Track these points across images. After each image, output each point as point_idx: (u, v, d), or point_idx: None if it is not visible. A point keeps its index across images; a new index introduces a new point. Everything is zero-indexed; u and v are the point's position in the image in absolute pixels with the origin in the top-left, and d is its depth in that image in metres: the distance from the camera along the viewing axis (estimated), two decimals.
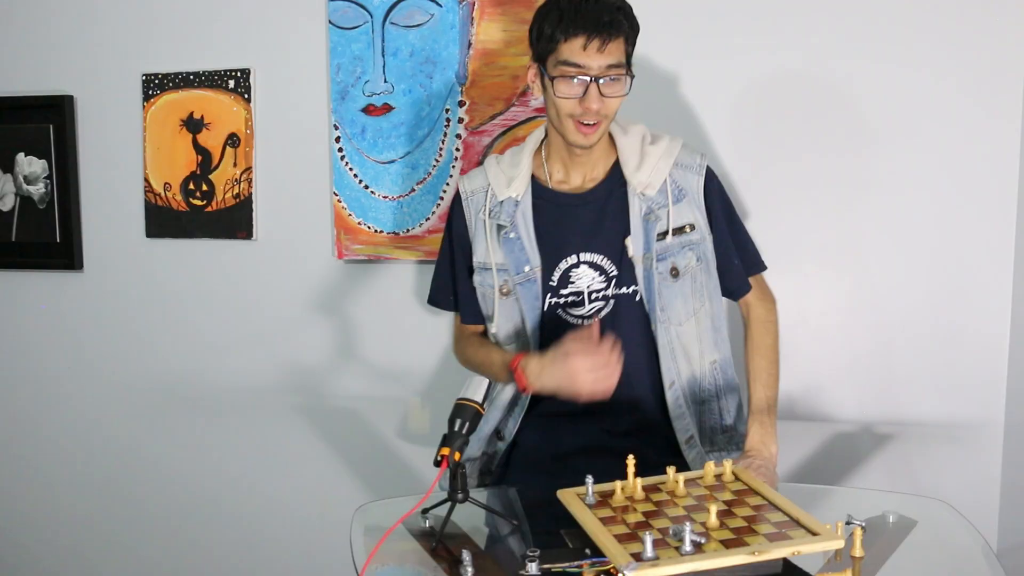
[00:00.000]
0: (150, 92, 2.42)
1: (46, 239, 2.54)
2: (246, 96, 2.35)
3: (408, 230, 2.25)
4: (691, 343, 1.68)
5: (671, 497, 1.35)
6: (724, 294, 1.74)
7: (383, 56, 2.22)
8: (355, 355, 2.36)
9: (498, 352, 1.68)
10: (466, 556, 1.20)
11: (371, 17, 2.22)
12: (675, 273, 1.64)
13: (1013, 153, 1.93)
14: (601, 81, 1.51)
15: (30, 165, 2.54)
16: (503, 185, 1.68)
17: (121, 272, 2.52)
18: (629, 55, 1.55)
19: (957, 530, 1.42)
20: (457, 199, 1.76)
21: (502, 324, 1.70)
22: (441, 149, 2.20)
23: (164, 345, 2.51)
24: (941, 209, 1.97)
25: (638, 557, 1.15)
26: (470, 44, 2.15)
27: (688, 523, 1.18)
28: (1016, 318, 1.94)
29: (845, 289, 2.03)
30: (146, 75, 2.41)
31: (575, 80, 1.51)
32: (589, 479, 1.38)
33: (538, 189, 1.68)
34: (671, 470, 1.40)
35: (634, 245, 1.62)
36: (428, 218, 2.23)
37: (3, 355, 2.66)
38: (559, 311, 1.66)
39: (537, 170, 1.69)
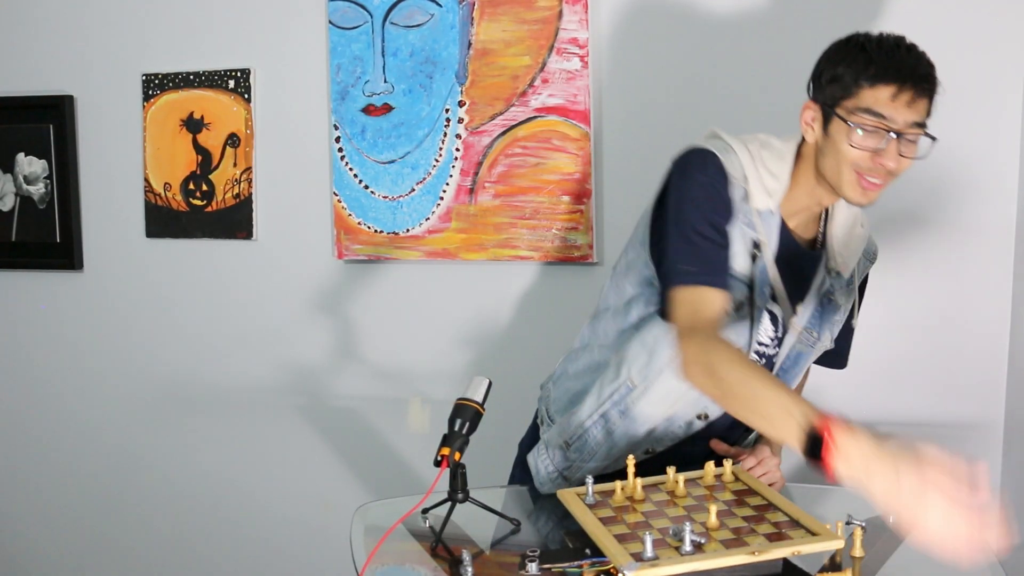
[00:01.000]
0: (150, 92, 2.42)
1: (46, 239, 2.54)
2: (246, 96, 2.35)
3: (408, 230, 2.25)
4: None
5: (671, 497, 1.35)
6: (821, 362, 1.69)
7: (383, 56, 2.22)
8: (355, 355, 2.36)
9: (789, 394, 1.20)
10: (466, 556, 1.20)
11: (371, 17, 2.22)
12: (813, 346, 1.59)
13: (1013, 152, 1.93)
14: (902, 138, 1.35)
15: (30, 165, 2.54)
16: (762, 190, 1.43)
17: (121, 272, 2.52)
18: (932, 109, 1.40)
19: None
20: (721, 172, 1.42)
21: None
22: (441, 149, 2.20)
23: (164, 345, 2.51)
24: (941, 208, 1.97)
25: (638, 557, 1.15)
26: (470, 44, 2.16)
27: (688, 523, 1.18)
28: (1016, 318, 1.94)
29: None
30: (146, 75, 2.41)
31: (874, 132, 1.34)
32: (589, 479, 1.38)
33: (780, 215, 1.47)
34: (671, 470, 1.40)
35: (803, 315, 1.52)
36: (428, 218, 2.23)
37: (3, 355, 2.66)
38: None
39: None
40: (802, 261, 1.51)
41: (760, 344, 1.50)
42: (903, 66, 1.35)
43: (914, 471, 1.06)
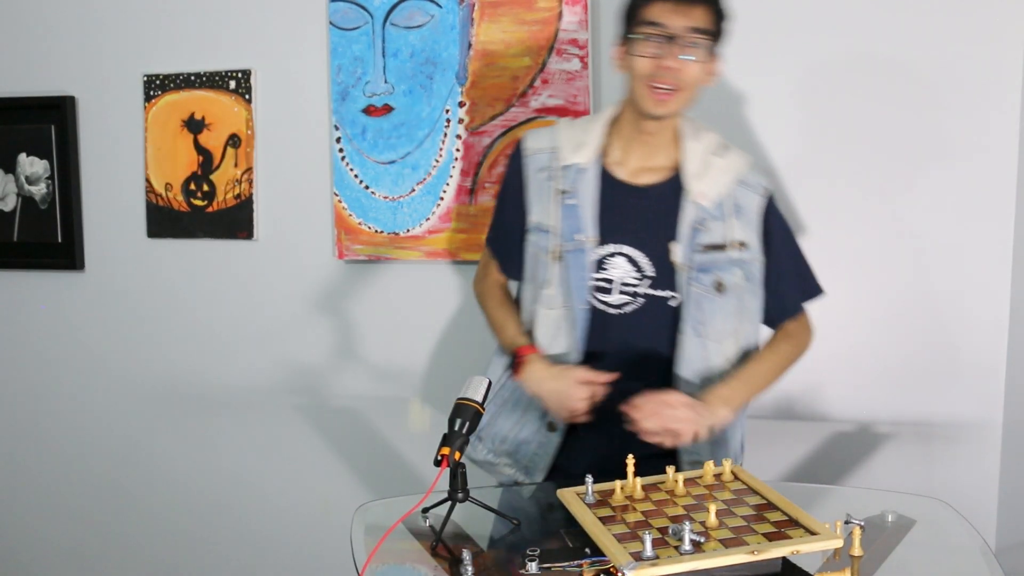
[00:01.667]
0: (151, 93, 2.42)
1: (48, 239, 2.55)
2: (247, 97, 2.35)
3: (408, 230, 2.25)
4: (727, 365, 1.66)
5: (670, 496, 1.36)
6: (764, 320, 1.72)
7: (383, 57, 2.22)
8: (355, 355, 2.36)
9: (513, 326, 1.73)
10: (466, 556, 1.21)
11: (371, 18, 2.22)
12: (720, 288, 1.62)
13: (1011, 152, 1.93)
14: (680, 41, 1.52)
15: (32, 165, 2.54)
16: (571, 149, 1.66)
17: (122, 272, 2.52)
18: (716, 28, 1.56)
19: (956, 529, 1.42)
20: (517, 154, 1.73)
21: (557, 288, 1.65)
22: (441, 149, 2.21)
23: (165, 345, 2.51)
24: (939, 209, 1.97)
25: (638, 556, 1.15)
26: (470, 45, 2.16)
27: (687, 522, 1.19)
28: (1014, 317, 1.95)
29: (844, 289, 2.03)
30: (147, 76, 2.42)
31: (655, 40, 1.53)
32: (589, 479, 1.39)
33: (602, 166, 1.67)
34: (671, 470, 1.41)
35: (680, 252, 1.61)
36: (428, 218, 2.23)
37: (5, 355, 2.66)
38: (593, 295, 1.64)
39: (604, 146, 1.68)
40: (636, 200, 1.64)
41: (626, 285, 1.63)
42: None
43: (564, 377, 1.59)
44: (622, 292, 1.63)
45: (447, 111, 2.19)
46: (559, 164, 1.66)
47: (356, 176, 2.27)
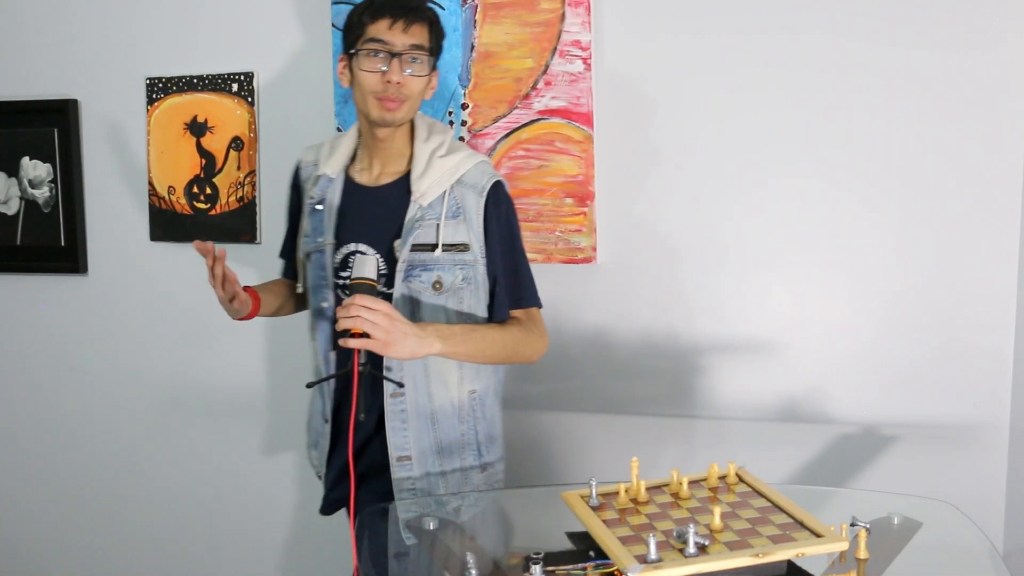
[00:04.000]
0: (154, 96, 2.42)
1: (51, 243, 2.55)
2: (250, 99, 2.35)
3: None
4: (449, 367, 1.68)
5: (675, 499, 1.35)
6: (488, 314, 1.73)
7: None
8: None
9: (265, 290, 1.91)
10: (469, 558, 1.20)
11: None
12: (438, 287, 1.65)
13: (1017, 152, 1.92)
14: (403, 58, 1.63)
15: (35, 169, 2.55)
16: (326, 162, 1.78)
17: (125, 275, 2.52)
18: (433, 45, 1.68)
19: (962, 532, 1.41)
20: (296, 167, 1.89)
21: (307, 288, 1.81)
22: None
23: (168, 348, 2.51)
24: (945, 209, 1.97)
25: (642, 559, 1.14)
26: (473, 47, 2.16)
27: (692, 525, 1.18)
28: (1021, 318, 1.94)
29: (848, 290, 2.03)
30: (150, 79, 2.42)
31: (379, 56, 1.62)
32: (592, 481, 1.38)
33: (346, 174, 1.78)
34: (675, 472, 1.40)
35: (401, 250, 1.66)
36: None
37: (8, 358, 2.67)
38: (339, 291, 1.73)
39: (352, 156, 1.81)
40: (371, 201, 1.72)
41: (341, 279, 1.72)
42: (396, 2, 1.65)
43: None
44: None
45: (450, 113, 2.19)
46: (315, 175, 1.79)
47: None
